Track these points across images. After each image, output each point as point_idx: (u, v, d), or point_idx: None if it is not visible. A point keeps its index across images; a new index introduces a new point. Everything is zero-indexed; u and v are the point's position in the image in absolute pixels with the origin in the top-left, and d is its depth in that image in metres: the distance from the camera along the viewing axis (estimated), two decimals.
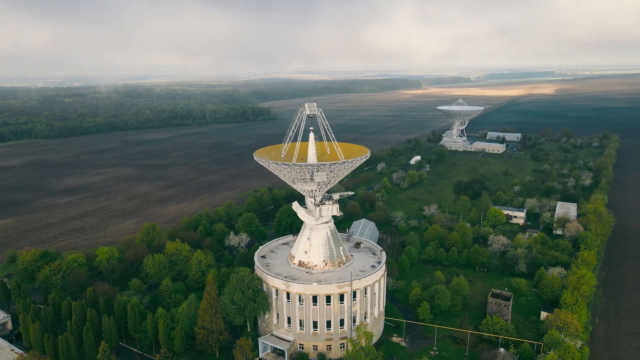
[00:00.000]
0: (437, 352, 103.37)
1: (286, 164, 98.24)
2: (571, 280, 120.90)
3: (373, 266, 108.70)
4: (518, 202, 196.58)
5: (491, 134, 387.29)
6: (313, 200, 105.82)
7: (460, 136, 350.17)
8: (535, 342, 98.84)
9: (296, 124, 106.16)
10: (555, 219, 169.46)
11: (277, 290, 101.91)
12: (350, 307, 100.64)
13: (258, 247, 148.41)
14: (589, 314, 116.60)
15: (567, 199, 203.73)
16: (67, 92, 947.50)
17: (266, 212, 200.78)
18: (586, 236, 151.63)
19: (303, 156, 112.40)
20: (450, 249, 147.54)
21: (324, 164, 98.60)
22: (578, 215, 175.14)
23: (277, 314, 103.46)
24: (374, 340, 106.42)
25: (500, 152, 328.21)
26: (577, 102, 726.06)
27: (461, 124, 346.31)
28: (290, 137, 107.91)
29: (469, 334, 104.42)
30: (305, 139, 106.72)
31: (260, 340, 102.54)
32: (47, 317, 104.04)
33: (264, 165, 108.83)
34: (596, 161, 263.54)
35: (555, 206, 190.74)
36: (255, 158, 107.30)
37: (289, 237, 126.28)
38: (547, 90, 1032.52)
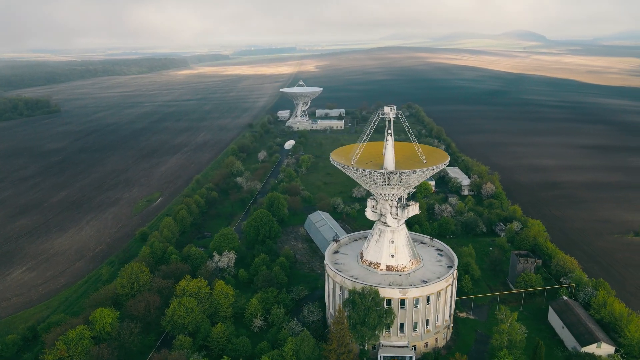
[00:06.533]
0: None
1: (379, 171, 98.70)
2: (536, 230, 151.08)
3: (440, 254, 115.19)
4: None
5: (319, 111, 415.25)
6: (394, 203, 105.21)
7: (303, 116, 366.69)
8: (570, 285, 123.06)
9: (372, 127, 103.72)
10: (469, 183, 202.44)
11: (389, 300, 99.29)
12: (452, 296, 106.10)
13: (257, 263, 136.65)
14: None
15: None
16: None
17: (196, 224, 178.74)
18: (501, 193, 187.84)
19: (366, 159, 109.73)
20: (422, 224, 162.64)
21: (417, 171, 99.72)
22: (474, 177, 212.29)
23: (389, 324, 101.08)
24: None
25: (342, 128, 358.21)
26: (348, 77, 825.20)
27: (304, 104, 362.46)
28: (365, 140, 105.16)
29: (524, 292, 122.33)
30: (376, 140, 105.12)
31: (381, 353, 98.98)
32: None
33: (341, 169, 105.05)
34: (433, 129, 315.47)
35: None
36: (343, 166, 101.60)
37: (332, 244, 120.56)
38: (311, 67, 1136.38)
